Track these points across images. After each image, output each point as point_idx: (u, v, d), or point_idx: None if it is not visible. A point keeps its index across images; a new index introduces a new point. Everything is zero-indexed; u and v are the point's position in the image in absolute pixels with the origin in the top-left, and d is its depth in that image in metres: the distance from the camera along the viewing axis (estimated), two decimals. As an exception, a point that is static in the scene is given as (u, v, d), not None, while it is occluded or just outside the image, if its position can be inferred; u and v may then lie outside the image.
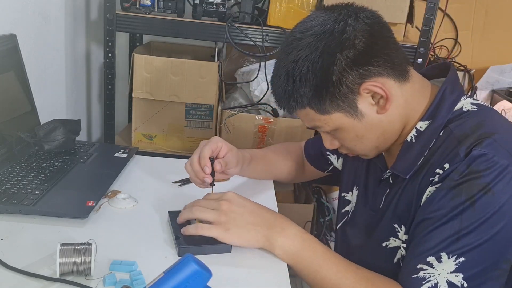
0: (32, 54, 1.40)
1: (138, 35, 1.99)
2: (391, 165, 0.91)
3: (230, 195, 0.93)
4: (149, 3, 1.56)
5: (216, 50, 1.76)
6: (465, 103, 0.88)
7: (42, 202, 0.97)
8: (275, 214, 0.93)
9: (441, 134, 0.85)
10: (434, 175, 0.82)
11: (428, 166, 0.84)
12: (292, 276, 0.87)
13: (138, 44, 1.98)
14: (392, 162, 0.91)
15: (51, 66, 1.57)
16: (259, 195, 1.16)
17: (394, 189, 0.91)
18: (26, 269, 0.78)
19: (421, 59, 1.54)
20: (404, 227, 0.88)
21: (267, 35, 1.55)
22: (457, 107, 0.87)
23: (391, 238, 0.91)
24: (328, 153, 1.20)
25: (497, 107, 1.80)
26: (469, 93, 1.87)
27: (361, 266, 0.88)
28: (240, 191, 0.95)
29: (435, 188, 0.81)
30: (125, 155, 1.27)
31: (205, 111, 1.65)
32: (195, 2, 1.57)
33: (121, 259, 0.83)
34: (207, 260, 0.70)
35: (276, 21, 1.55)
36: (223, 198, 0.92)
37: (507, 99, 1.80)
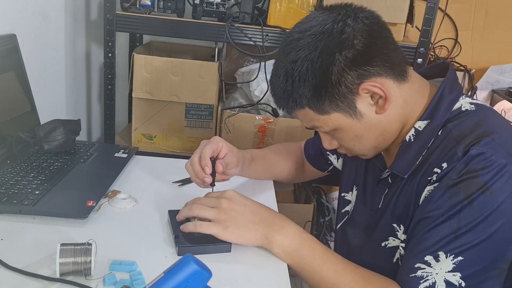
0: (32, 54, 1.41)
1: (138, 35, 1.99)
2: (390, 165, 0.91)
3: (230, 194, 0.93)
4: (149, 3, 1.56)
5: (216, 50, 1.76)
6: (464, 103, 0.88)
7: (42, 202, 0.97)
8: (274, 213, 0.93)
9: (440, 134, 0.85)
10: (433, 174, 0.82)
11: (427, 166, 0.84)
12: (292, 276, 0.87)
13: (138, 44, 1.98)
14: (391, 162, 0.91)
15: (51, 66, 1.57)
16: (259, 195, 1.16)
17: (393, 189, 0.91)
18: (26, 269, 0.78)
19: (421, 59, 1.54)
20: (403, 227, 0.88)
21: (267, 35, 1.55)
22: (456, 107, 0.87)
23: (390, 238, 0.91)
24: (328, 153, 1.20)
25: (497, 107, 1.80)
26: (469, 93, 1.87)
27: (360, 266, 0.88)
28: (240, 191, 0.95)
29: (433, 187, 0.81)
30: (125, 155, 1.27)
31: (205, 111, 1.65)
32: (195, 2, 1.57)
33: (121, 259, 0.83)
34: (207, 260, 0.70)
35: (276, 21, 1.55)
36: (223, 196, 0.92)
37: (507, 99, 1.80)
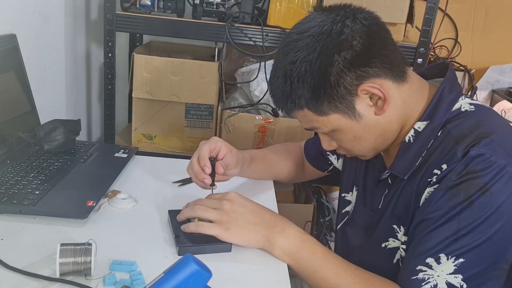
0: (32, 54, 1.41)
1: (138, 35, 1.99)
2: (390, 166, 0.91)
3: (232, 195, 0.93)
4: (149, 3, 1.56)
5: (216, 50, 1.76)
6: (463, 103, 0.88)
7: (42, 202, 0.97)
8: (275, 215, 0.93)
9: (439, 135, 0.85)
10: (432, 176, 0.82)
11: (426, 167, 0.84)
12: (292, 276, 0.88)
13: (138, 44, 1.98)
14: (391, 163, 0.91)
15: (51, 66, 1.57)
16: (259, 195, 1.16)
17: (393, 190, 0.91)
18: (26, 269, 0.78)
19: (421, 59, 1.54)
20: (403, 228, 0.88)
21: (267, 35, 1.55)
22: (455, 107, 0.87)
23: (390, 239, 0.91)
24: (328, 153, 1.20)
25: (497, 107, 1.80)
26: (469, 93, 1.87)
27: (361, 267, 0.88)
28: (240, 191, 0.95)
29: (433, 189, 0.81)
30: (125, 155, 1.27)
31: (205, 111, 1.65)
32: (195, 2, 1.57)
33: (121, 259, 0.83)
34: (207, 260, 0.70)
35: (276, 21, 1.55)
36: (225, 198, 0.92)
37: (507, 99, 1.80)
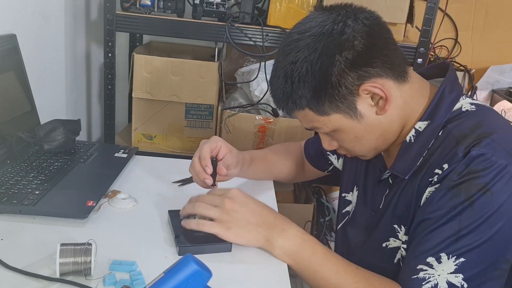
0: (32, 54, 1.40)
1: (138, 35, 1.99)
2: (390, 166, 0.91)
3: (234, 193, 0.93)
4: (149, 3, 1.56)
5: (216, 50, 1.76)
6: (464, 103, 0.87)
7: (42, 202, 0.97)
8: (276, 215, 0.93)
9: (440, 134, 0.85)
10: (433, 176, 0.82)
11: (427, 167, 0.84)
12: (292, 276, 0.88)
13: (138, 44, 1.98)
14: (391, 163, 0.91)
15: (51, 66, 1.57)
16: (259, 195, 1.15)
17: (394, 190, 0.91)
18: (26, 269, 0.78)
19: (421, 59, 1.54)
20: (404, 228, 0.88)
21: (267, 35, 1.55)
22: (456, 107, 0.87)
23: (391, 239, 0.91)
24: (328, 153, 1.20)
25: (497, 107, 1.80)
26: (469, 93, 1.87)
27: (361, 267, 0.88)
28: (240, 191, 0.95)
29: (434, 189, 0.81)
30: (125, 155, 1.27)
31: (205, 111, 1.65)
32: (195, 2, 1.57)
33: (121, 259, 0.83)
34: (207, 260, 0.70)
35: (276, 21, 1.55)
36: (227, 196, 0.92)
37: (507, 99, 1.80)
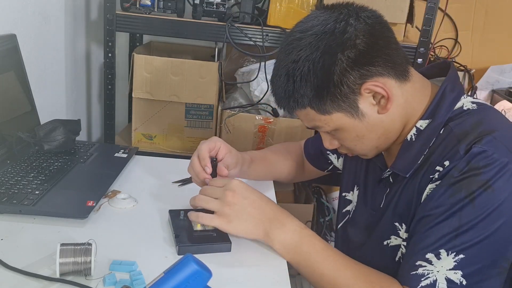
0: (32, 54, 1.40)
1: (138, 35, 1.99)
2: (391, 164, 0.91)
3: (235, 184, 0.92)
4: (149, 3, 1.56)
5: (216, 50, 1.76)
6: (465, 102, 0.88)
7: (42, 202, 0.97)
8: (276, 208, 0.93)
9: (441, 133, 0.85)
10: (434, 173, 0.82)
11: (428, 164, 0.84)
12: (292, 276, 0.87)
13: (138, 44, 1.98)
14: (392, 161, 0.91)
15: (51, 66, 1.57)
16: (259, 195, 1.15)
17: (394, 188, 0.91)
18: (26, 269, 0.78)
19: (421, 59, 1.54)
20: (405, 226, 0.88)
21: (267, 35, 1.55)
22: (457, 106, 0.87)
23: (392, 237, 0.90)
24: (328, 153, 1.20)
25: (497, 107, 1.80)
26: (469, 93, 1.87)
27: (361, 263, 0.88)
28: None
29: (435, 185, 0.81)
30: (125, 155, 1.27)
31: (205, 111, 1.64)
32: (195, 2, 1.57)
33: (121, 259, 0.83)
34: (207, 260, 0.70)
35: (276, 21, 1.55)
36: (228, 188, 0.92)
37: (507, 99, 1.80)
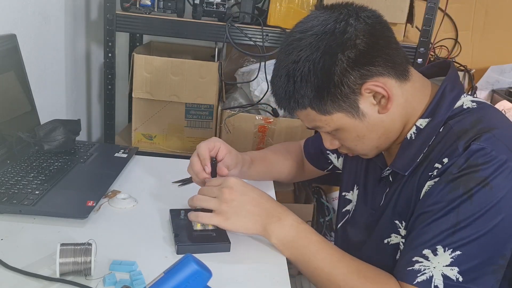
0: (32, 54, 1.40)
1: (138, 35, 1.99)
2: (391, 163, 0.91)
3: (232, 182, 0.93)
4: (149, 3, 1.56)
5: (216, 50, 1.75)
6: (465, 101, 0.88)
7: (42, 202, 0.97)
8: (274, 204, 0.93)
9: (441, 131, 0.85)
10: (433, 170, 0.82)
11: (427, 162, 0.84)
12: (292, 276, 0.87)
13: (138, 44, 1.98)
14: (391, 160, 0.91)
15: (51, 66, 1.57)
16: (259, 195, 1.15)
17: (394, 187, 0.91)
18: (26, 269, 0.78)
19: (421, 59, 1.54)
20: (405, 223, 0.88)
21: (267, 35, 1.55)
22: (457, 105, 0.87)
23: (393, 235, 0.91)
24: (328, 152, 1.20)
25: (497, 107, 1.79)
26: (469, 93, 1.87)
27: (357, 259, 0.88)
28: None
29: (434, 182, 0.82)
30: (125, 155, 1.27)
31: (205, 111, 1.64)
32: (195, 2, 1.57)
33: (121, 259, 0.83)
34: (207, 260, 0.70)
35: (276, 21, 1.55)
36: (225, 185, 0.92)
37: (507, 99, 1.80)
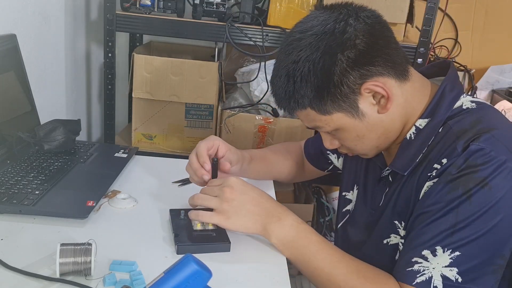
0: (32, 54, 1.40)
1: (138, 35, 1.99)
2: (390, 163, 0.91)
3: (232, 181, 0.93)
4: (149, 3, 1.56)
5: (216, 50, 1.75)
6: (465, 101, 0.88)
7: (42, 202, 0.97)
8: (274, 204, 0.94)
9: (440, 131, 0.85)
10: (432, 170, 0.82)
11: (427, 162, 0.84)
12: (292, 276, 0.87)
13: (138, 44, 1.98)
14: (391, 160, 0.91)
15: (51, 66, 1.57)
16: (259, 195, 1.15)
17: (393, 187, 0.91)
18: (26, 269, 0.78)
19: (421, 59, 1.54)
20: (404, 223, 0.88)
21: (267, 35, 1.55)
22: (457, 105, 0.87)
23: (392, 235, 0.91)
24: (328, 153, 1.20)
25: (497, 107, 1.80)
26: (469, 93, 1.87)
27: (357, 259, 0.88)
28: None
29: (433, 183, 0.82)
30: (125, 155, 1.27)
31: (205, 111, 1.64)
32: (195, 2, 1.57)
33: (121, 259, 0.83)
34: (207, 260, 0.70)
35: (276, 21, 1.55)
36: (225, 185, 0.92)
37: (507, 99, 1.80)
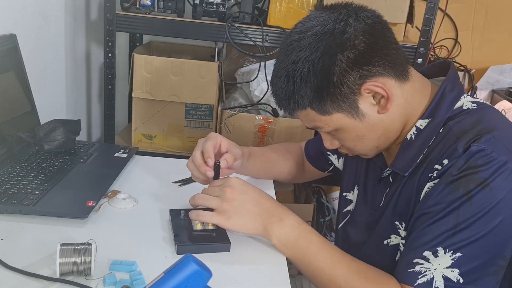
0: (32, 54, 1.40)
1: (138, 35, 1.99)
2: (391, 163, 0.91)
3: (233, 181, 0.93)
4: (149, 3, 1.56)
5: (216, 50, 1.76)
6: (465, 101, 0.88)
7: (42, 202, 0.97)
8: (275, 204, 0.93)
9: (441, 131, 0.85)
10: (433, 171, 0.82)
11: (427, 163, 0.84)
12: (292, 276, 0.87)
13: (138, 44, 1.98)
14: (392, 161, 0.91)
15: (51, 66, 1.57)
16: (259, 195, 1.15)
17: (394, 187, 0.91)
18: (26, 269, 0.78)
19: (421, 59, 1.54)
20: (405, 224, 0.88)
21: (267, 35, 1.55)
22: (457, 105, 0.87)
23: (392, 236, 0.91)
24: (329, 153, 1.20)
25: (497, 107, 1.80)
26: (469, 93, 1.87)
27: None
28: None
29: (434, 184, 0.82)
30: (125, 155, 1.27)
31: (205, 111, 1.65)
32: (195, 2, 1.57)
33: (121, 259, 0.83)
34: (207, 260, 0.70)
35: (276, 21, 1.55)
36: (226, 185, 0.93)
37: (507, 99, 1.80)
